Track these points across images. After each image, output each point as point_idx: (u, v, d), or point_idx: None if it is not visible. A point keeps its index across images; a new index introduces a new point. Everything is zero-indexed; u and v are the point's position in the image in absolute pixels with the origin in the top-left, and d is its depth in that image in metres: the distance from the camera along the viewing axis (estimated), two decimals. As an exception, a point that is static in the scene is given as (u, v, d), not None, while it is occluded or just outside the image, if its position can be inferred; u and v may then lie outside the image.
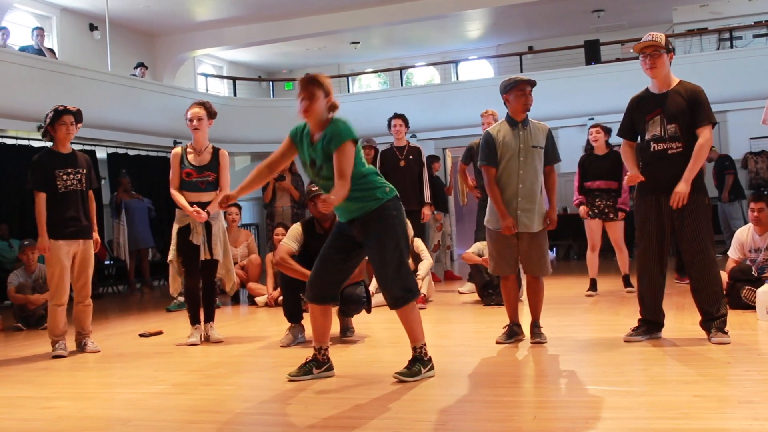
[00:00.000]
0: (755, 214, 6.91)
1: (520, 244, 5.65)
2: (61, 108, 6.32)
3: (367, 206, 4.55)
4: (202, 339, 6.51)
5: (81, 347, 6.40)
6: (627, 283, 8.61)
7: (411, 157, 9.47)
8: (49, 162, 6.29)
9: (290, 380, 4.70)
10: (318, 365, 4.78)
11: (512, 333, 5.76)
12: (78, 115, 6.40)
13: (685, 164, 5.23)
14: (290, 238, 6.29)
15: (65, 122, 6.30)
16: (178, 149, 6.58)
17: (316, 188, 6.20)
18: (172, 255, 6.53)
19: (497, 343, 5.69)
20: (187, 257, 6.46)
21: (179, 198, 6.41)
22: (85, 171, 6.42)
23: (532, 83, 5.67)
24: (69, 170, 6.32)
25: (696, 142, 5.23)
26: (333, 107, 4.60)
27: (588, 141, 8.83)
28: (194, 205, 6.34)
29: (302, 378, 4.72)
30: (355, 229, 4.61)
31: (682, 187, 5.18)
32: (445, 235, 11.93)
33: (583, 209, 8.74)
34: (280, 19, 16.35)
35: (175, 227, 6.49)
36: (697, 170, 5.24)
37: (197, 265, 6.46)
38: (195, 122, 6.45)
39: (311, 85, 4.54)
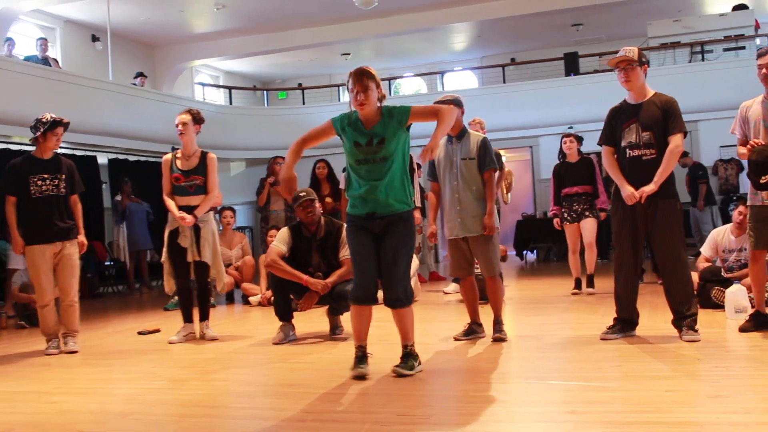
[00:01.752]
0: (741, 217, 6.92)
1: (471, 247, 5.74)
2: (57, 119, 6.27)
3: (398, 209, 4.56)
4: (199, 336, 6.50)
5: (64, 345, 6.35)
6: (590, 282, 8.63)
7: None
8: (24, 167, 6.24)
9: (354, 377, 4.55)
10: (360, 361, 4.66)
11: (471, 331, 5.86)
12: (67, 126, 6.39)
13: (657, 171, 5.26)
14: (280, 241, 6.30)
15: (57, 133, 6.29)
16: (168, 156, 6.58)
17: (303, 194, 6.22)
18: (164, 256, 6.54)
19: (455, 339, 5.80)
20: (177, 259, 6.45)
21: (169, 203, 6.41)
22: (64, 176, 6.33)
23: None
24: (45, 176, 6.24)
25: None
26: (382, 98, 4.62)
27: (561, 150, 8.86)
28: (182, 210, 6.34)
29: (361, 372, 4.56)
30: (378, 227, 4.56)
31: (650, 187, 5.23)
32: (424, 238, 11.93)
33: (556, 222, 8.81)
34: (275, 32, 16.37)
35: (167, 230, 6.49)
36: (666, 174, 5.27)
37: (187, 266, 6.45)
38: (180, 127, 6.46)
39: (365, 78, 4.51)
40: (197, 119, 6.55)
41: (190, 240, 6.37)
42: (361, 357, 4.66)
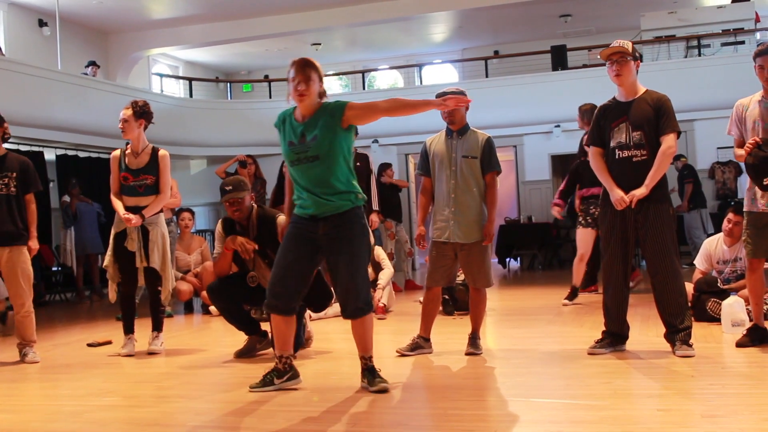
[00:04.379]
0: (730, 225, 6.94)
1: (459, 255, 5.72)
2: None
3: (342, 206, 4.55)
4: (156, 349, 6.45)
5: (21, 357, 6.33)
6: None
7: (358, 164, 9.45)
8: None
9: (251, 391, 4.67)
10: (279, 375, 4.72)
11: (416, 346, 5.85)
12: None
13: (648, 173, 5.31)
14: (219, 242, 6.21)
15: None
16: (117, 152, 6.54)
17: (229, 188, 6.03)
18: (107, 261, 6.47)
19: (397, 351, 5.79)
20: (123, 264, 6.41)
21: (116, 203, 6.37)
22: (15, 175, 6.31)
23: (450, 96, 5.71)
24: None
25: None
26: (323, 93, 4.66)
27: (581, 147, 8.70)
28: (130, 211, 6.28)
29: (264, 389, 4.66)
30: (322, 228, 4.55)
31: (641, 191, 5.27)
32: (400, 243, 11.94)
33: (556, 210, 8.75)
34: (239, 19, 16.31)
35: (113, 232, 6.44)
36: (658, 177, 5.32)
37: (133, 272, 6.42)
38: (120, 123, 6.45)
39: (308, 68, 4.58)
40: (139, 114, 6.48)
41: (138, 243, 6.33)
42: (276, 371, 4.72)
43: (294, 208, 4.72)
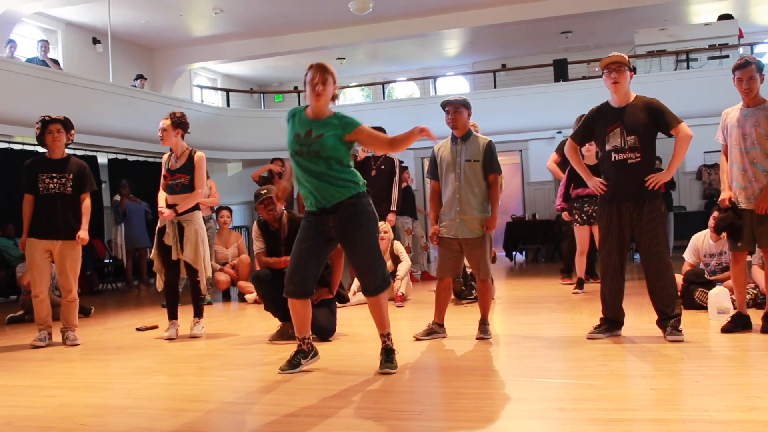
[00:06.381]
0: (715, 222, 6.95)
1: (465, 249, 5.73)
2: (47, 118, 6.41)
3: (344, 194, 4.54)
4: (197, 333, 6.49)
5: (63, 340, 6.40)
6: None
7: (383, 167, 9.48)
8: (35, 166, 6.38)
9: (281, 374, 4.69)
10: (304, 355, 4.78)
11: (432, 331, 5.86)
12: (66, 123, 6.46)
13: (642, 173, 5.32)
14: (257, 239, 6.37)
15: (51, 131, 6.40)
16: (166, 155, 6.62)
17: (264, 191, 6.24)
18: (153, 253, 6.58)
19: (414, 337, 5.79)
20: (164, 256, 6.48)
21: (159, 197, 6.50)
22: (72, 176, 6.42)
23: (453, 103, 5.72)
24: (53, 174, 6.35)
25: (670, 148, 5.35)
26: (335, 96, 4.68)
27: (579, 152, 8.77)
28: (170, 208, 6.38)
29: (293, 371, 4.69)
30: (332, 220, 4.57)
31: (663, 175, 5.32)
32: (416, 238, 11.92)
33: (566, 214, 8.87)
34: (272, 36, 16.38)
35: (157, 227, 6.53)
36: (679, 162, 5.37)
37: (174, 264, 6.48)
38: (160, 132, 6.50)
39: (326, 72, 4.59)
40: (176, 124, 6.52)
41: (174, 238, 6.39)
42: (301, 353, 4.78)
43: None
